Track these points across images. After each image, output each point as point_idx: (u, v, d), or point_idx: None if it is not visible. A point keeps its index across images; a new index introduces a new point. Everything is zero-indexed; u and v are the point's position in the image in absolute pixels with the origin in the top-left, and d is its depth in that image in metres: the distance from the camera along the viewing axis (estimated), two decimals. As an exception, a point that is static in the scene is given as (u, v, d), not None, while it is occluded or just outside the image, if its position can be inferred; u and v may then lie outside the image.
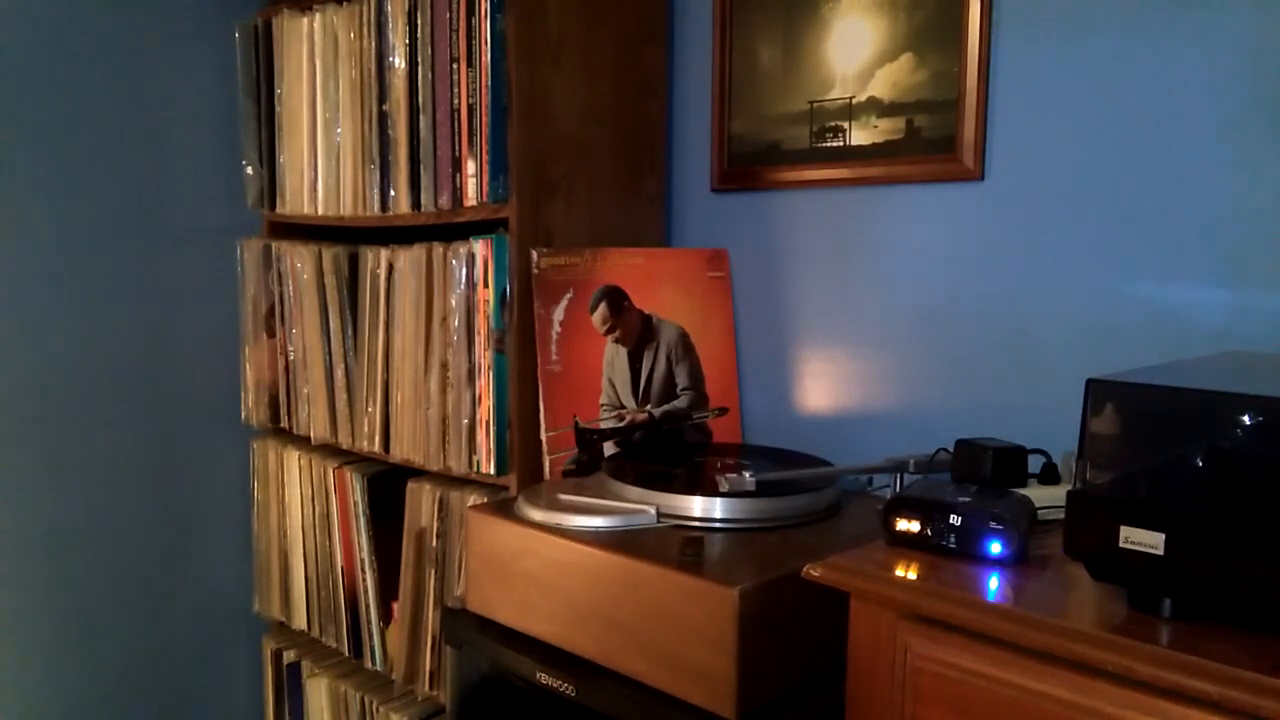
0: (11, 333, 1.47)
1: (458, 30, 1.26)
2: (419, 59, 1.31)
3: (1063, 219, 1.14)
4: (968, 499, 0.84)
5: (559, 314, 1.28)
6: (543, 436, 1.27)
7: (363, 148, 1.41)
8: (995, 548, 0.81)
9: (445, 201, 1.30)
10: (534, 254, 1.26)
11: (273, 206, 1.59)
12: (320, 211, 1.50)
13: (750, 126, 1.41)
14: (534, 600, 1.07)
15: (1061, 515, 0.88)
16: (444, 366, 1.32)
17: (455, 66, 1.27)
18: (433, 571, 1.37)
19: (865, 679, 0.80)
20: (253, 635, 1.79)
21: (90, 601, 1.58)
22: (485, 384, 1.26)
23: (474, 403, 1.28)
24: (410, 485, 1.40)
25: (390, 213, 1.38)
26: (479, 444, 1.28)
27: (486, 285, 1.26)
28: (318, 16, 1.46)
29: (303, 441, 1.60)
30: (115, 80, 1.55)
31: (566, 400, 1.28)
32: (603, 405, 1.32)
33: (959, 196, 1.22)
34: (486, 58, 1.23)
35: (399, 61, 1.34)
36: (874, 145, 1.28)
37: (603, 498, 1.12)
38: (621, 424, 1.33)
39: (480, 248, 1.26)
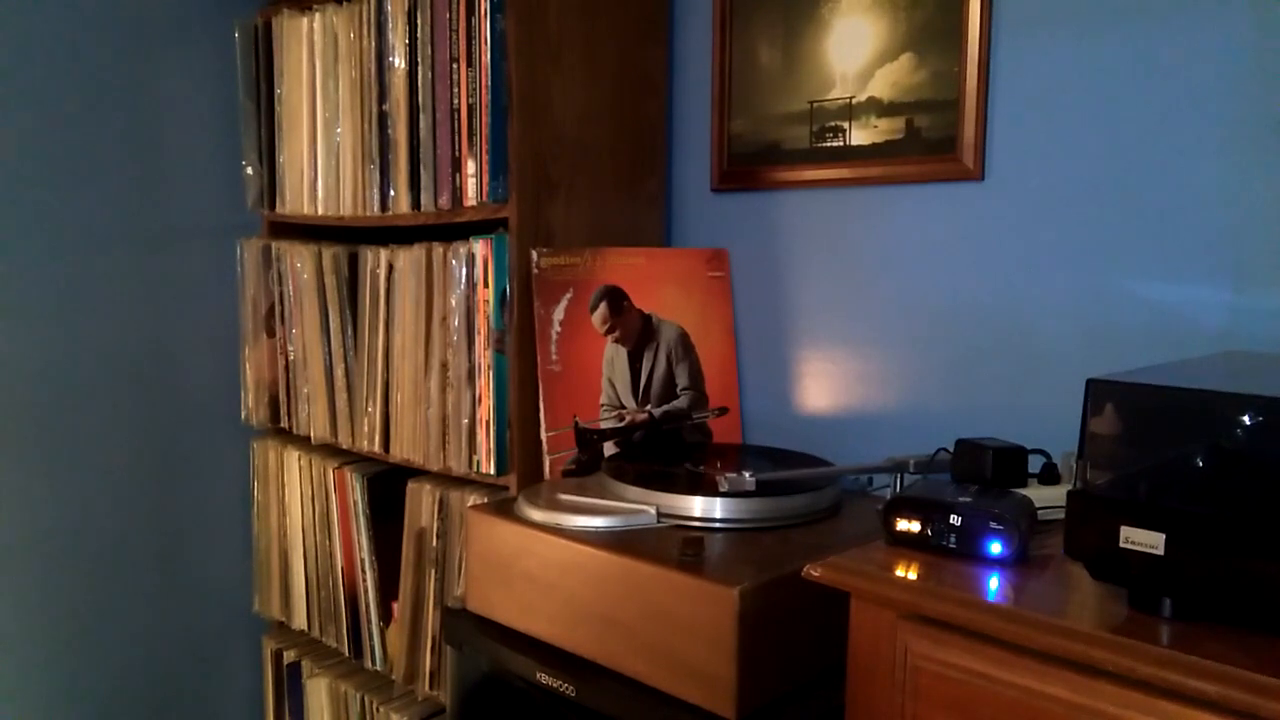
0: (11, 332, 1.47)
1: (458, 30, 1.26)
2: (419, 59, 1.31)
3: (1063, 219, 1.14)
4: (968, 499, 0.84)
5: (559, 314, 1.28)
6: (543, 436, 1.27)
7: (363, 148, 1.41)
8: (995, 548, 0.81)
9: (445, 201, 1.30)
10: (534, 254, 1.26)
11: (273, 206, 1.59)
12: (320, 211, 1.50)
13: (750, 126, 1.41)
14: (534, 600, 1.07)
15: (1061, 515, 0.88)
16: (444, 366, 1.32)
17: (455, 66, 1.27)
18: (433, 571, 1.37)
19: (865, 679, 0.80)
20: (253, 635, 1.79)
21: (90, 601, 1.58)
22: (485, 384, 1.26)
23: (474, 403, 1.28)
24: (410, 485, 1.40)
25: (390, 213, 1.38)
26: (479, 444, 1.28)
27: (486, 285, 1.26)
28: (318, 16, 1.46)
29: (303, 441, 1.60)
30: (115, 80, 1.55)
31: (566, 400, 1.28)
32: (603, 405, 1.32)
33: (959, 196, 1.22)
34: (486, 58, 1.23)
35: (399, 61, 1.34)
36: (874, 145, 1.28)
37: (603, 498, 1.12)
38: (621, 424, 1.33)
39: (480, 248, 1.26)
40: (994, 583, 0.76)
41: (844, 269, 1.33)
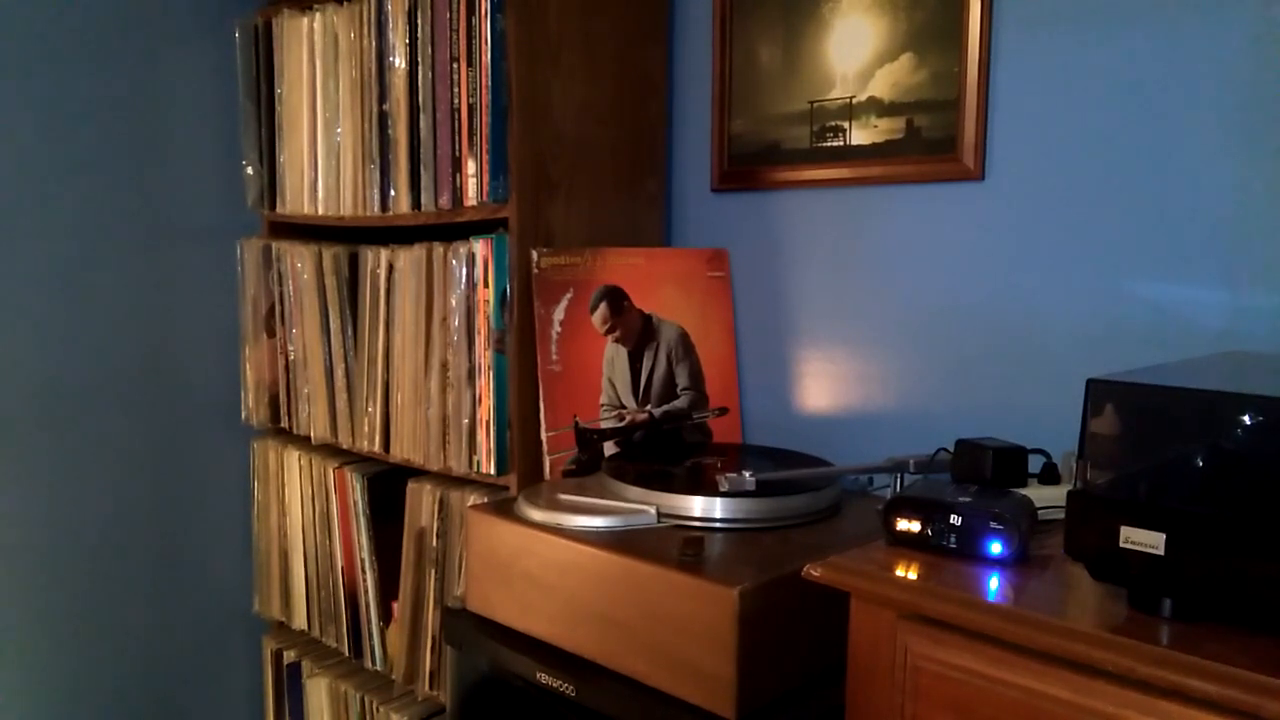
0: (12, 332, 1.47)
1: (458, 30, 1.26)
2: (419, 59, 1.31)
3: (1063, 219, 1.14)
4: (968, 499, 0.84)
5: (559, 314, 1.28)
6: (543, 436, 1.27)
7: (363, 148, 1.41)
8: (995, 548, 0.81)
9: (445, 201, 1.30)
10: (534, 254, 1.26)
11: (273, 206, 1.59)
12: (320, 211, 1.50)
13: (750, 126, 1.41)
14: (534, 600, 1.07)
15: (1062, 515, 0.88)
16: (444, 366, 1.32)
17: (455, 66, 1.27)
18: (433, 571, 1.37)
19: (865, 679, 0.80)
20: (253, 635, 1.79)
21: (90, 601, 1.58)
22: (485, 384, 1.26)
23: (474, 403, 1.28)
24: (410, 485, 1.40)
25: (390, 213, 1.38)
26: (479, 444, 1.28)
27: (486, 285, 1.26)
28: (318, 16, 1.46)
29: (303, 441, 1.60)
30: (115, 80, 1.55)
31: (566, 400, 1.28)
32: (603, 405, 1.32)
33: (959, 196, 1.22)
34: (486, 58, 1.23)
35: (399, 61, 1.34)
36: (874, 145, 1.28)
37: (603, 498, 1.12)
38: (621, 424, 1.33)
39: (480, 248, 1.26)
40: (994, 583, 0.76)
41: (844, 269, 1.33)
